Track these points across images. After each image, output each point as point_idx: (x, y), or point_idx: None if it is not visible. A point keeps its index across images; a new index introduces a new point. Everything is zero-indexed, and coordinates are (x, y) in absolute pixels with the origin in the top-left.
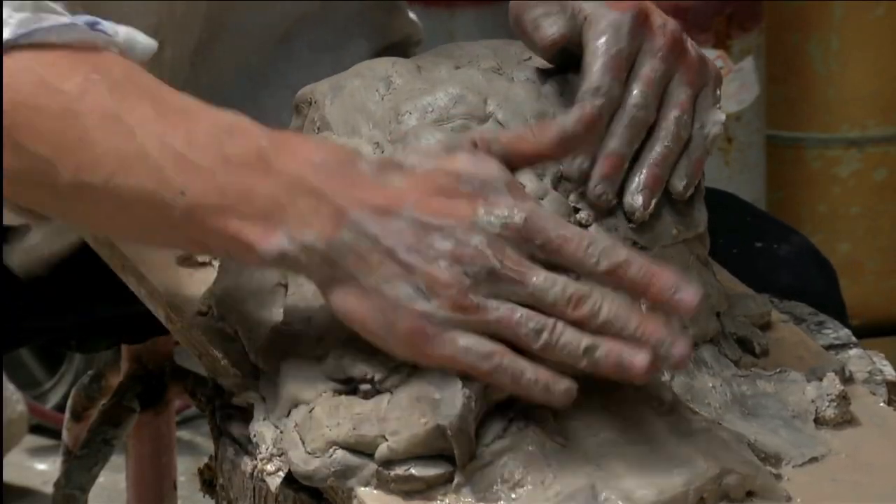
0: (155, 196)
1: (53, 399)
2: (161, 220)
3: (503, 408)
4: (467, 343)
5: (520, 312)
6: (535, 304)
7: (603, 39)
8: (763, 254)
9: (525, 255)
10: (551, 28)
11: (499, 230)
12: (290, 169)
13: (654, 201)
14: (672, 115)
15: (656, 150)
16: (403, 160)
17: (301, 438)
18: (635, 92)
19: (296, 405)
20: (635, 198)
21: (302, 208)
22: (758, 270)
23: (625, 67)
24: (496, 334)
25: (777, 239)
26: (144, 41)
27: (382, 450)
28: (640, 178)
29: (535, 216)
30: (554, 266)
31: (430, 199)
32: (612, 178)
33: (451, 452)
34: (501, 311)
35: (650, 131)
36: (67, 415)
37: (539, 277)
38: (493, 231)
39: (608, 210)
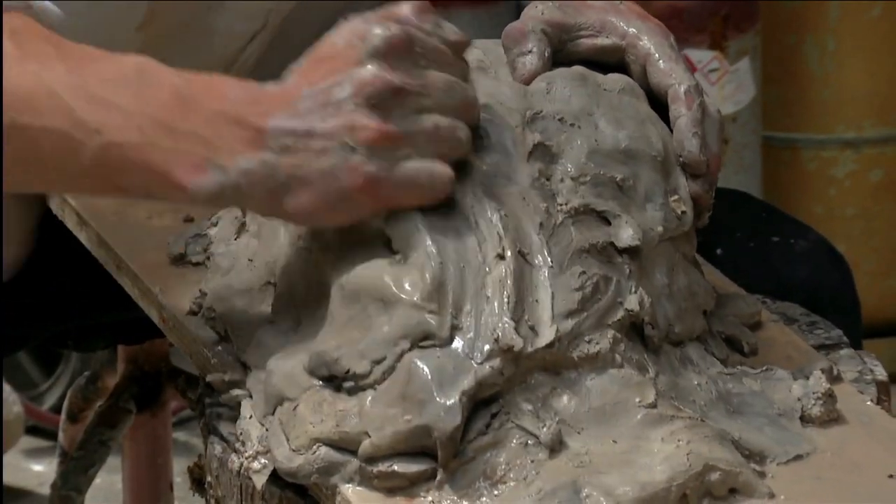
0: (66, 136)
1: (50, 400)
2: (73, 162)
3: (486, 403)
4: (414, 169)
5: (435, 122)
6: (438, 110)
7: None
8: (779, 248)
9: (412, 67)
10: (523, 69)
11: (383, 47)
12: (206, 105)
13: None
14: None
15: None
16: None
17: (286, 435)
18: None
19: (281, 402)
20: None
21: (227, 138)
22: (774, 264)
23: None
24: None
25: (792, 234)
26: (54, 10)
27: (365, 446)
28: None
29: (409, 26)
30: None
31: (316, 70)
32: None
33: (434, 450)
34: (423, 125)
35: None
36: (64, 416)
37: (439, 82)
38: (379, 53)
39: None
